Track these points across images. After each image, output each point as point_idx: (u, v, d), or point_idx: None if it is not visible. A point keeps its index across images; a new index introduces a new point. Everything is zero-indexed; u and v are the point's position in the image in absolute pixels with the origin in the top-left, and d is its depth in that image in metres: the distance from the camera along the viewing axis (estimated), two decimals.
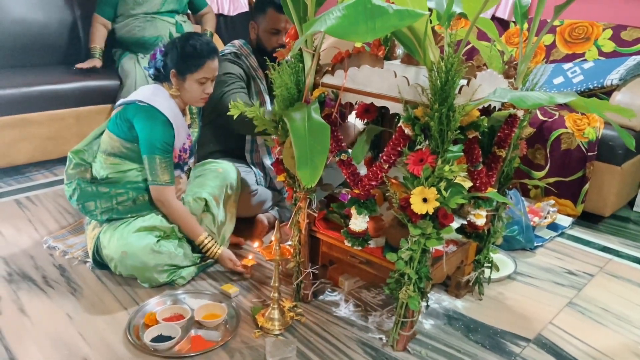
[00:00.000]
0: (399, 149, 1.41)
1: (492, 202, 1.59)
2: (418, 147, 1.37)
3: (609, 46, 2.83)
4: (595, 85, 2.63)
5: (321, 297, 1.86)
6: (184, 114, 1.97)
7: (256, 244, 1.70)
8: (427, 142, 1.36)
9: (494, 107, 1.56)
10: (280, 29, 2.21)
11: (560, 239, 2.40)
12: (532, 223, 2.27)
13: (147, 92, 1.89)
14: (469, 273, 1.84)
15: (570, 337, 1.71)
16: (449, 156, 1.37)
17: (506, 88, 1.39)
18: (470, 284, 1.87)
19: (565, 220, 2.48)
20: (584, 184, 2.46)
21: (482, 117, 1.38)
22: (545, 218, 2.40)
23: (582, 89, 2.67)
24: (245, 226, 2.25)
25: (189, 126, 2.04)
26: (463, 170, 1.34)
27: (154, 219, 1.90)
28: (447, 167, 1.29)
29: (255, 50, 2.29)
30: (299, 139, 1.34)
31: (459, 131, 1.31)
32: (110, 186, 1.91)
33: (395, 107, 1.45)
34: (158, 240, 1.84)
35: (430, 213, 1.35)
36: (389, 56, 1.84)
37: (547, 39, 3.04)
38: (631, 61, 2.60)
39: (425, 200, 1.35)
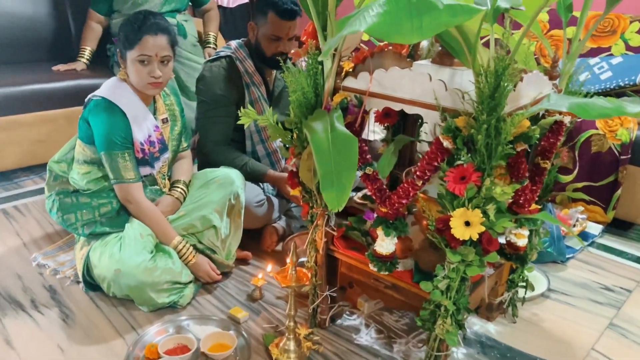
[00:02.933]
0: (436, 163, 1.23)
1: (536, 221, 1.42)
2: (458, 162, 1.19)
3: (636, 40, 2.65)
4: (626, 82, 2.45)
5: (339, 321, 1.69)
6: (148, 102, 1.80)
7: (269, 268, 1.52)
8: (469, 157, 1.18)
9: (541, 114, 1.38)
10: (281, 36, 2.01)
11: (591, 248, 2.23)
12: (562, 232, 2.10)
13: (104, 86, 1.76)
14: (502, 294, 1.67)
15: None
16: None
17: (561, 94, 1.21)
18: (504, 305, 1.70)
19: (594, 228, 2.31)
20: (616, 189, 2.28)
21: (533, 127, 1.20)
22: (574, 226, 2.23)
23: (612, 87, 2.49)
24: (252, 239, 2.07)
25: (166, 120, 1.85)
26: (513, 190, 1.16)
27: (145, 227, 1.72)
28: (498, 189, 1.11)
29: (252, 54, 2.10)
30: (322, 154, 1.15)
31: (510, 145, 1.13)
32: (91, 196, 1.76)
33: (429, 116, 1.27)
34: (153, 256, 1.66)
35: (475, 239, 1.17)
36: (413, 54, 1.66)
37: (569, 31, 2.85)
38: None
39: (467, 223, 1.18)
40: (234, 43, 2.12)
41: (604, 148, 2.27)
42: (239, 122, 1.44)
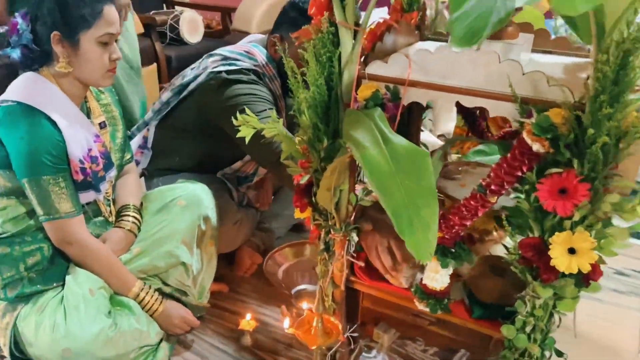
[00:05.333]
0: (520, 173, 0.92)
1: None
2: (553, 169, 0.89)
3: None
4: None
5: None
6: (78, 103, 1.33)
7: (286, 323, 1.16)
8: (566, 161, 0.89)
9: None
10: None
11: None
12: None
13: (15, 86, 1.25)
14: None
15: None
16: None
17: None
18: None
19: None
20: None
21: None
22: None
23: None
24: (222, 261, 1.68)
25: (104, 124, 1.40)
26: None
27: (94, 278, 1.29)
28: (629, 205, 0.83)
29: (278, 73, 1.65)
30: (383, 179, 0.80)
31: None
32: (11, 243, 1.27)
33: (499, 108, 0.96)
34: (111, 319, 1.23)
35: (585, 272, 0.89)
36: (420, 27, 1.34)
37: None
38: None
39: (572, 250, 0.89)
40: (258, 53, 1.63)
41: None
42: (239, 135, 1.06)
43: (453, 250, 1.04)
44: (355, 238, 1.17)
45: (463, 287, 1.16)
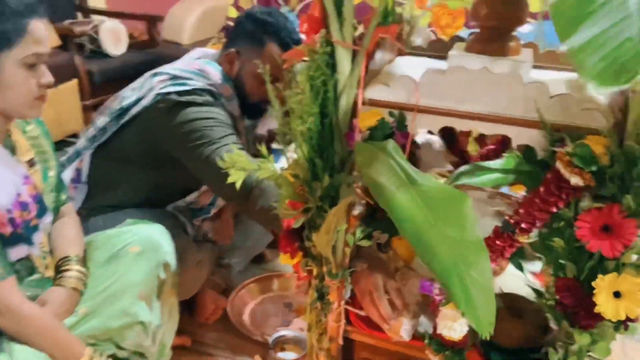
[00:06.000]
0: (555, 209, 0.81)
1: None
2: (592, 204, 0.79)
3: None
4: None
5: None
6: (1, 139, 1.09)
7: None
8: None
9: None
10: (279, 77, 1.43)
11: None
12: None
13: None
14: None
15: None
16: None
17: None
18: None
19: None
20: None
21: None
22: None
23: None
24: (182, 308, 1.47)
25: (32, 162, 1.17)
26: None
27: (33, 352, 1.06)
28: None
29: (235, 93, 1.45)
30: (422, 234, 0.66)
31: None
32: None
33: (524, 136, 0.85)
34: None
35: (633, 317, 0.79)
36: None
37: None
38: None
39: (617, 294, 0.80)
40: (212, 71, 1.41)
41: None
42: (230, 180, 0.87)
43: None
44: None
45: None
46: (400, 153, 0.79)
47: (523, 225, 0.83)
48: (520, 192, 1.21)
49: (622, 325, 0.84)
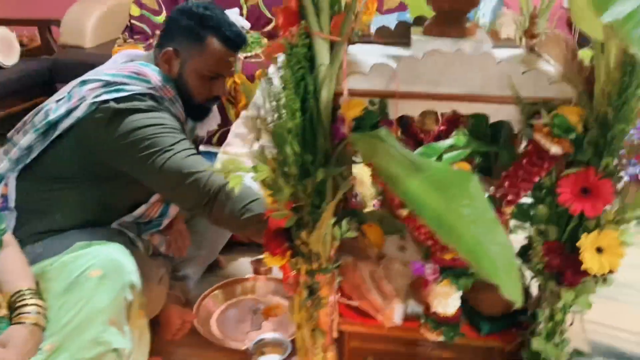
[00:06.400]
0: (538, 178, 0.86)
1: None
2: (570, 169, 0.85)
3: None
4: None
5: None
6: None
7: None
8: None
9: None
10: (223, 74, 1.34)
11: None
12: None
13: None
14: None
15: None
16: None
17: None
18: None
19: None
20: None
21: None
22: None
23: None
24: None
25: None
26: None
27: None
28: None
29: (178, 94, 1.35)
30: (445, 219, 0.67)
31: None
32: None
33: (500, 113, 0.89)
34: None
35: (615, 269, 0.86)
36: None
37: None
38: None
39: (599, 250, 0.86)
40: (151, 73, 1.30)
41: None
42: (232, 186, 0.82)
43: (465, 270, 0.95)
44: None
45: (462, 304, 1.08)
46: (395, 140, 0.79)
47: (509, 197, 0.88)
48: None
49: (602, 278, 0.91)
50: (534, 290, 1.04)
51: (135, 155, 1.24)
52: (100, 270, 1.13)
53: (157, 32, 3.17)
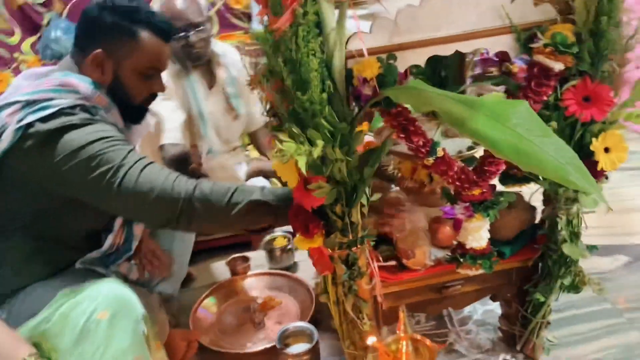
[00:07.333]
0: (546, 97, 0.92)
1: None
2: (570, 83, 0.92)
3: None
4: None
5: None
6: None
7: None
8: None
9: None
10: (161, 68, 1.17)
11: None
12: None
13: None
14: None
15: None
16: None
17: None
18: None
19: None
20: None
21: None
22: None
23: None
24: None
25: None
26: None
27: None
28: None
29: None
30: (516, 149, 0.70)
31: None
32: None
33: (498, 44, 0.93)
34: None
35: (623, 163, 0.96)
36: None
37: None
38: None
39: (606, 150, 0.95)
40: (77, 82, 1.09)
41: None
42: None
43: (492, 201, 1.00)
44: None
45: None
46: (432, 87, 0.80)
47: None
48: None
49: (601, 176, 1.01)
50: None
51: (84, 179, 1.07)
52: (107, 311, 1.00)
53: (16, 54, 2.82)
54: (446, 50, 0.92)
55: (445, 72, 1.33)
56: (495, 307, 1.34)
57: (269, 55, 0.89)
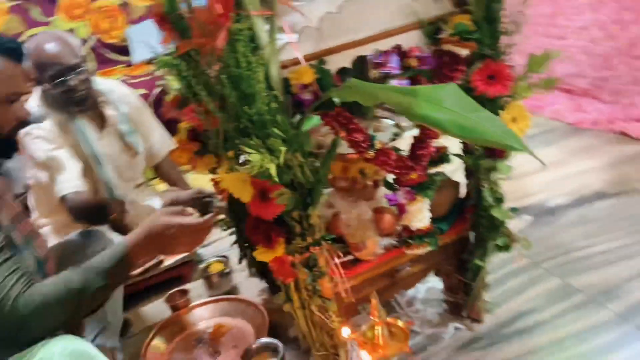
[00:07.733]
0: (458, 81, 1.03)
1: None
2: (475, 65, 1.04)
3: None
4: None
5: None
6: None
7: None
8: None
9: None
10: (23, 92, 1.05)
11: None
12: None
13: None
14: None
15: None
16: None
17: None
18: None
19: None
20: None
21: None
22: None
23: None
24: None
25: None
26: None
27: None
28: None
29: None
30: (459, 125, 0.78)
31: None
32: None
33: (409, 40, 1.02)
34: None
35: (525, 132, 1.09)
36: None
37: None
38: None
39: (513, 120, 1.08)
40: None
41: None
42: None
43: (427, 182, 1.08)
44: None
45: None
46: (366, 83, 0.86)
47: None
48: None
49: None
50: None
51: None
52: None
53: None
54: (367, 50, 0.99)
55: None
56: (435, 284, 1.44)
57: (188, 78, 0.90)
